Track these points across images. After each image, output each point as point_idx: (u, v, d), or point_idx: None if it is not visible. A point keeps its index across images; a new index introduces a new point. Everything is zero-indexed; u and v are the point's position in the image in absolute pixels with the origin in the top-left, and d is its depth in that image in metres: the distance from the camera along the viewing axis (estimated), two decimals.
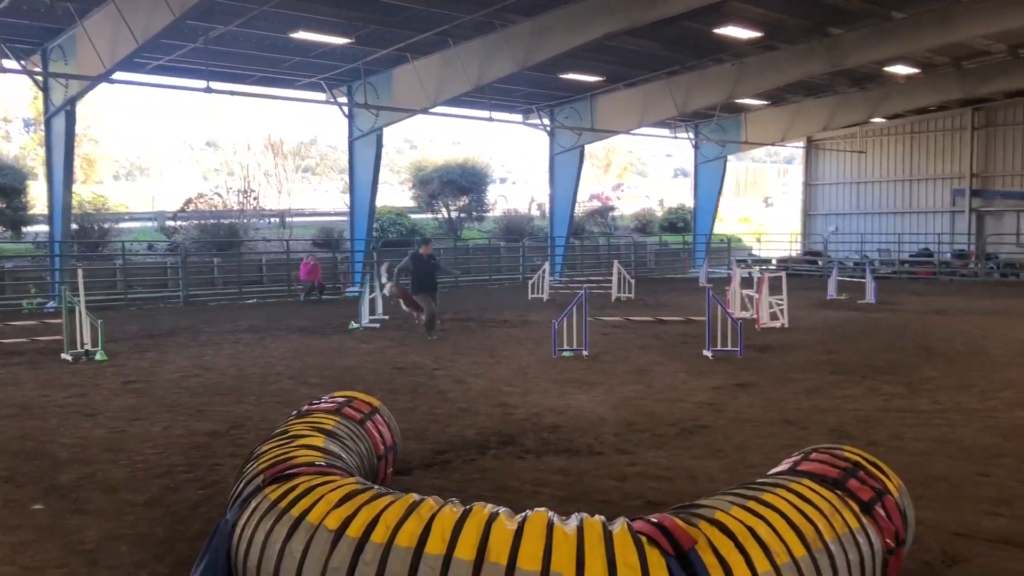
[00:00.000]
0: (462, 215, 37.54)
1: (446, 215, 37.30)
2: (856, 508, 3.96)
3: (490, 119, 26.58)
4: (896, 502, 4.16)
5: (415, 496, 3.78)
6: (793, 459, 4.49)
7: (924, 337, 14.48)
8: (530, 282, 24.78)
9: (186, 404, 9.43)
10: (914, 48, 23.55)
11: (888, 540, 3.99)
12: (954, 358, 12.23)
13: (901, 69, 27.75)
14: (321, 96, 25.14)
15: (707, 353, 12.48)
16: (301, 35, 20.18)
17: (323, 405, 5.78)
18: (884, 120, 35.48)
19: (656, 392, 9.92)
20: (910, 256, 33.48)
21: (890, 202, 37.08)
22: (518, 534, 3.40)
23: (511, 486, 6.27)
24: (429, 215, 38.14)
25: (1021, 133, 33.49)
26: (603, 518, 3.58)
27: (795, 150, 39.45)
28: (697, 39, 23.01)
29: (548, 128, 30.59)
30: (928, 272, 31.19)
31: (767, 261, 33.96)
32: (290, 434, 4.99)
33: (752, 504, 3.76)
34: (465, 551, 3.35)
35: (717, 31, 21.57)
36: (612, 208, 45.10)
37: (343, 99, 25.44)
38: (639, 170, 73.20)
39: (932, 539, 5.08)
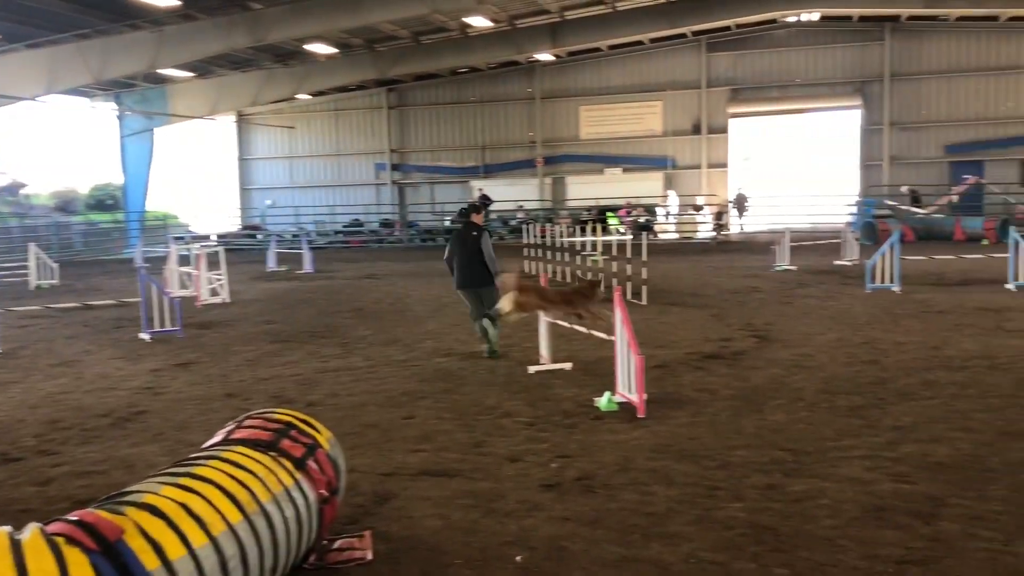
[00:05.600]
0: None
1: None
2: (290, 466, 4.05)
3: None
4: (328, 454, 4.35)
5: None
6: (227, 429, 4.44)
7: (358, 300, 15.54)
8: None
9: None
10: (330, 28, 25.04)
11: (322, 491, 4.16)
12: (383, 317, 13.35)
13: (320, 48, 29.24)
14: None
15: (144, 336, 11.81)
16: None
17: None
18: (310, 97, 37.15)
19: (87, 383, 9.09)
20: (343, 227, 35.69)
21: (321, 176, 39.12)
22: None
23: None
24: None
25: (428, 113, 37.74)
26: (8, 528, 3.11)
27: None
28: (110, 2, 21.47)
29: None
30: (360, 241, 33.61)
31: (206, 237, 33.37)
32: None
33: (184, 480, 3.61)
34: None
35: None
36: (24, 185, 40.19)
37: None
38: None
39: (365, 482, 5.46)
